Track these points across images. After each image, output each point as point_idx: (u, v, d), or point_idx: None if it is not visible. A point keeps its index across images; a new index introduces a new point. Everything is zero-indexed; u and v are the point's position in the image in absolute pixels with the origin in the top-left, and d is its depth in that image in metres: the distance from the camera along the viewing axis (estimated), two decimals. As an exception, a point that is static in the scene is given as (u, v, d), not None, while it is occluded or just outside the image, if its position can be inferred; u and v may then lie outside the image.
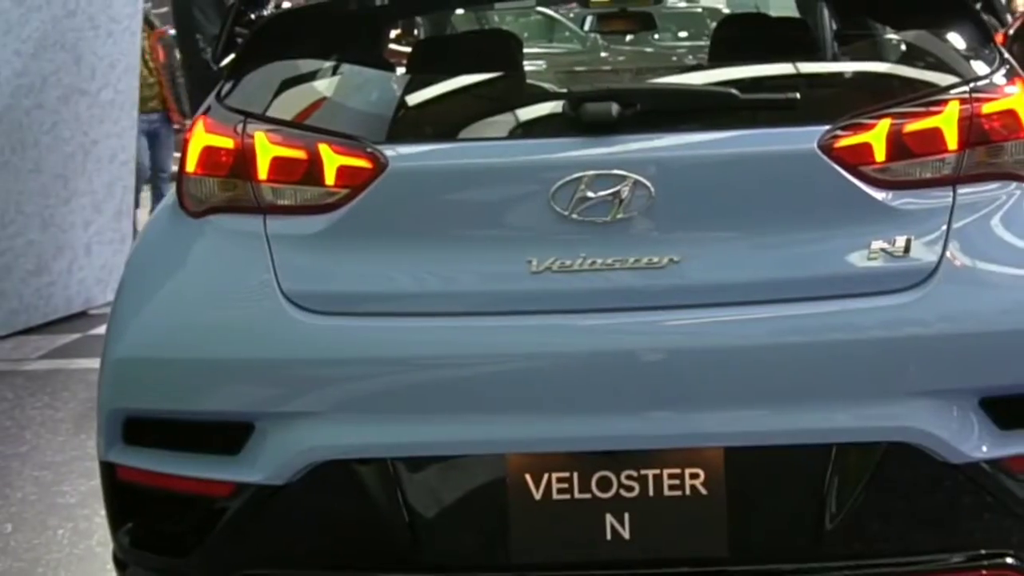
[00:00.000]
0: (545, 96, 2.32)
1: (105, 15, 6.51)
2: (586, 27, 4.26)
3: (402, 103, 2.35)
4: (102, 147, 6.67)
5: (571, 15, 9.04)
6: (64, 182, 6.53)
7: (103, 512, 2.39)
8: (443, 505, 2.07)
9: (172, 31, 7.52)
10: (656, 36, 6.39)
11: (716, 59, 2.71)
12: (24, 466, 4.19)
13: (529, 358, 2.04)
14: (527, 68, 2.73)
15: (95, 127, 6.67)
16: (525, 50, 2.83)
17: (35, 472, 4.11)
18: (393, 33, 3.06)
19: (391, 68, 2.82)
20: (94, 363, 2.31)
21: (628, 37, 5.37)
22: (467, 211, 2.13)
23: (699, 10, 9.14)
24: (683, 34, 9.11)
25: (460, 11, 3.72)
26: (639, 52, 5.59)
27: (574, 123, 2.11)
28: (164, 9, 9.98)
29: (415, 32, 3.24)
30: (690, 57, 5.06)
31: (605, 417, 2.02)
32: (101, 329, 2.26)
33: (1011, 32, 10.60)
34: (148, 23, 7.88)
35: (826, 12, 2.80)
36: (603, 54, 6.02)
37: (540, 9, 8.84)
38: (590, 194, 2.04)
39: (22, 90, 6.08)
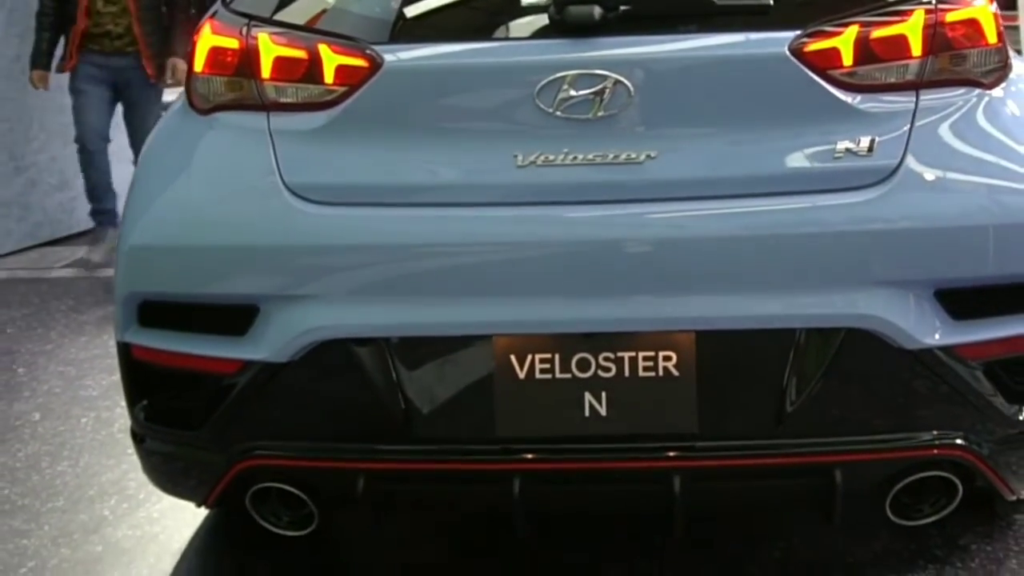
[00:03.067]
0: (533, 2, 2.32)
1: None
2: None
3: (399, 10, 2.35)
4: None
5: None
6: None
7: (123, 403, 2.46)
8: (434, 383, 2.11)
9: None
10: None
11: None
12: (50, 362, 4.26)
13: (514, 246, 2.07)
14: None
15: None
16: None
17: (60, 367, 4.18)
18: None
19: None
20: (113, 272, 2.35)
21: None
22: (457, 108, 2.15)
23: None
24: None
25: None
26: None
27: (559, 26, 2.12)
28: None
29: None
30: None
31: (585, 302, 2.05)
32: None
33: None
34: None
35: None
36: None
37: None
38: (573, 93, 2.06)
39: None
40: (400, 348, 2.09)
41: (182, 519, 2.84)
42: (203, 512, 2.83)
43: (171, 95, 4.98)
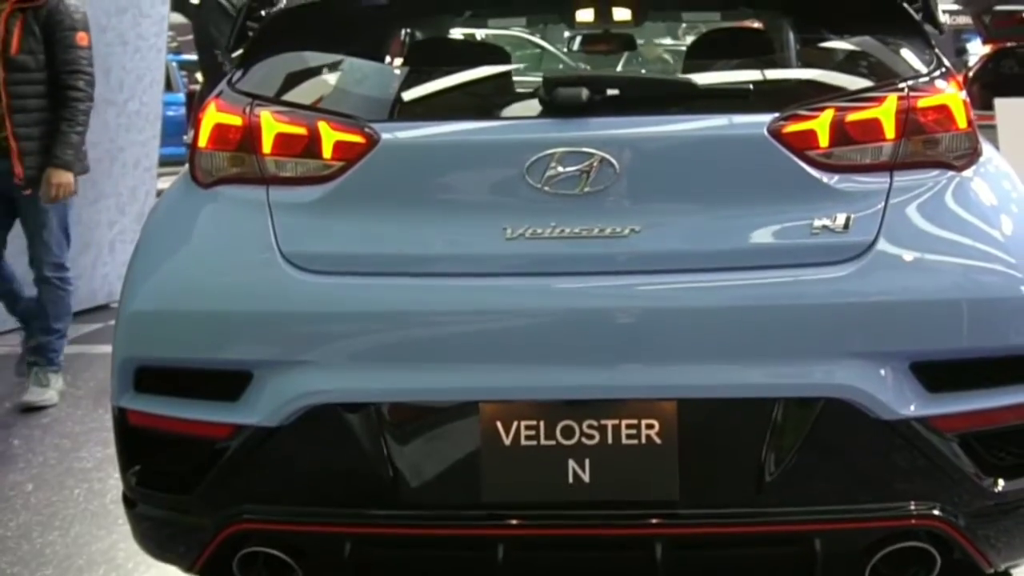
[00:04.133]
0: (523, 84, 2.40)
1: (134, 32, 6.60)
2: (574, 47, 4.31)
3: (396, 90, 2.42)
4: (127, 154, 6.75)
5: (564, 49, 9.09)
6: (92, 184, 6.59)
7: (116, 475, 2.45)
8: (422, 448, 2.12)
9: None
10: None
11: (685, 59, 2.79)
12: (46, 435, 4.24)
13: (502, 315, 2.10)
14: (511, 68, 2.80)
15: (121, 135, 6.75)
16: (516, 78, 2.89)
17: (56, 440, 4.17)
18: (390, 32, 3.13)
19: (387, 61, 2.90)
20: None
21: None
22: (450, 183, 2.20)
23: (683, 48, 9.17)
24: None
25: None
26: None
27: (548, 106, 2.18)
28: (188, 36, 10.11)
29: (412, 33, 3.32)
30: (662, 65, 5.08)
31: (569, 370, 2.07)
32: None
33: (971, 74, 10.73)
34: None
35: (785, 22, 2.88)
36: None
37: (531, 39, 8.90)
38: (561, 169, 2.11)
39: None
40: (389, 414, 2.11)
41: (170, 589, 2.81)
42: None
43: (164, 183, 4.90)
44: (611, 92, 2.19)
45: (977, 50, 16.56)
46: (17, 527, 3.31)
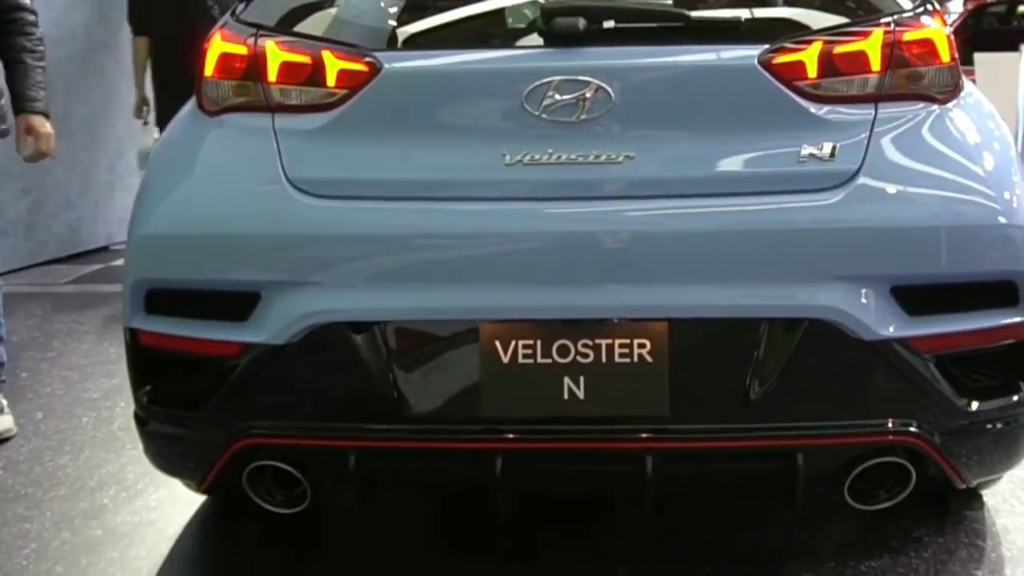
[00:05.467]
0: (523, 14, 2.41)
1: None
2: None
3: (397, 20, 2.43)
4: (124, 98, 6.72)
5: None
6: (90, 128, 6.59)
7: (123, 404, 2.48)
8: (424, 366, 2.16)
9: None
10: None
11: None
12: (53, 367, 4.27)
13: (501, 238, 2.13)
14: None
15: (117, 80, 6.72)
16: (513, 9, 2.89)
17: (63, 372, 4.19)
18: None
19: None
20: (116, 288, 2.33)
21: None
22: (450, 111, 2.21)
23: None
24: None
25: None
26: None
27: (546, 36, 2.19)
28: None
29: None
30: None
31: (565, 291, 2.11)
32: (122, 260, 2.34)
33: (951, 30, 10.73)
34: None
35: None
36: None
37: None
38: (558, 97, 2.14)
39: (52, 42, 6.00)
40: (392, 333, 2.14)
41: (178, 508, 2.86)
42: (198, 502, 2.86)
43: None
44: (607, 23, 2.21)
45: (956, 8, 16.54)
46: (29, 452, 3.35)
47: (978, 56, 9.30)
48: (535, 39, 2.23)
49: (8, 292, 4.13)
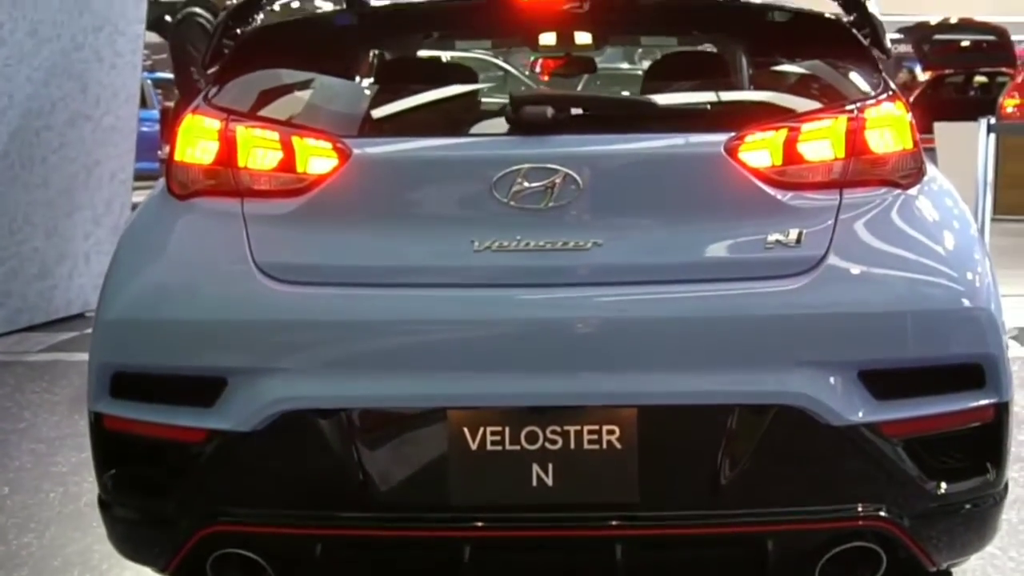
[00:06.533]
0: (491, 103, 2.41)
1: (110, 49, 6.53)
2: (536, 69, 4.33)
3: (367, 106, 2.41)
4: (103, 167, 6.67)
5: (526, 72, 9.10)
6: (68, 197, 6.52)
7: (91, 479, 2.39)
8: (392, 453, 2.11)
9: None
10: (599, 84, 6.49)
11: (644, 81, 2.81)
12: (22, 440, 4.17)
13: (469, 325, 2.09)
14: (478, 87, 2.80)
15: (97, 149, 6.67)
16: (482, 98, 2.89)
17: (32, 445, 4.09)
18: (360, 52, 3.12)
19: (358, 80, 2.89)
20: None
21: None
22: (419, 197, 2.19)
23: (639, 73, 9.19)
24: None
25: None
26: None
27: (514, 124, 2.18)
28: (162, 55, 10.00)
29: (381, 54, 3.31)
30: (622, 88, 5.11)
31: (534, 378, 2.07)
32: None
33: (911, 99, 10.89)
34: None
35: (739, 47, 2.90)
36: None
37: (495, 61, 8.92)
38: (526, 184, 2.11)
39: (33, 113, 6.08)
40: (359, 420, 2.09)
41: (144, 590, 2.77)
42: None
43: (138, 197, 4.78)
44: (575, 111, 2.20)
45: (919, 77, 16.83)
46: (-7, 530, 3.25)
47: (938, 126, 9.42)
48: (504, 127, 2.21)
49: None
